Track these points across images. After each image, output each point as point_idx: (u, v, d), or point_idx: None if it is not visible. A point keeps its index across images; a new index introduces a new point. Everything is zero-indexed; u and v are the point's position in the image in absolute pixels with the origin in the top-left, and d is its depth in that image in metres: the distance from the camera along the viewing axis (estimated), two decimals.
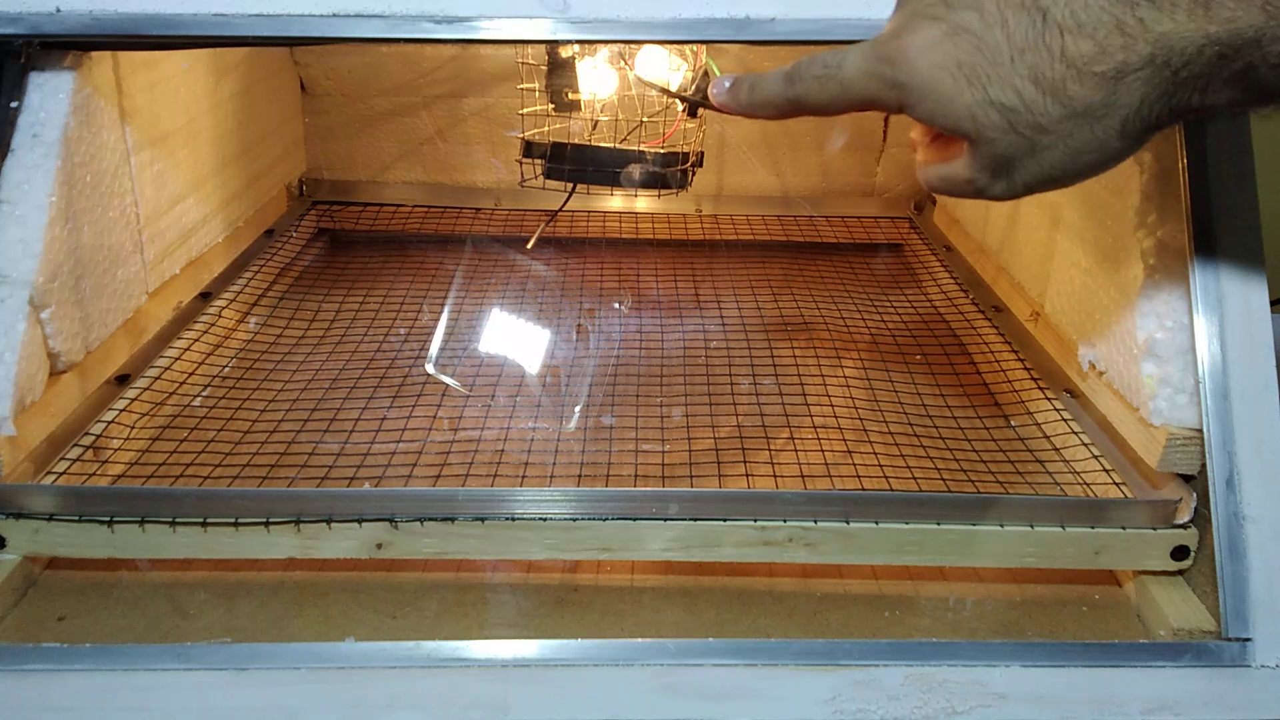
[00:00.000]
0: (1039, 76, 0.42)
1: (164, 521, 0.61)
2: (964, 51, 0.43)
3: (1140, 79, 0.41)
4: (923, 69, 0.44)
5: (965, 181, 0.47)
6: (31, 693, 0.53)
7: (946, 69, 0.44)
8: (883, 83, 0.46)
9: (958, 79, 0.44)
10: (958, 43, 0.43)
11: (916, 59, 0.44)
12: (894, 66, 0.45)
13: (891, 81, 0.45)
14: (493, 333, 0.95)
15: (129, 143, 0.77)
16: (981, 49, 0.43)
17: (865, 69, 0.46)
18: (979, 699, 0.55)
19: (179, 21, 0.63)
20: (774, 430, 0.79)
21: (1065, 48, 0.42)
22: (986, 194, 0.47)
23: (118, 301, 0.76)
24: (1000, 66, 0.43)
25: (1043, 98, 0.43)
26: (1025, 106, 0.43)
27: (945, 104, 0.44)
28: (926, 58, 0.44)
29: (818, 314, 1.00)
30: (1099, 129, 0.43)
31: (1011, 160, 0.45)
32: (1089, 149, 0.44)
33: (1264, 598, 0.58)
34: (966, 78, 0.43)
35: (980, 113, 0.44)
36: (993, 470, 0.74)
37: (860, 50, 0.47)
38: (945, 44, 0.44)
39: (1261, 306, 0.61)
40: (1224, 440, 0.60)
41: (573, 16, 0.63)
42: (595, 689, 0.55)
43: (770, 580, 0.65)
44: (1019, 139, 0.44)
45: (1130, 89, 0.42)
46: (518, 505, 0.62)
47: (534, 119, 0.83)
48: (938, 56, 0.44)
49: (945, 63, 0.44)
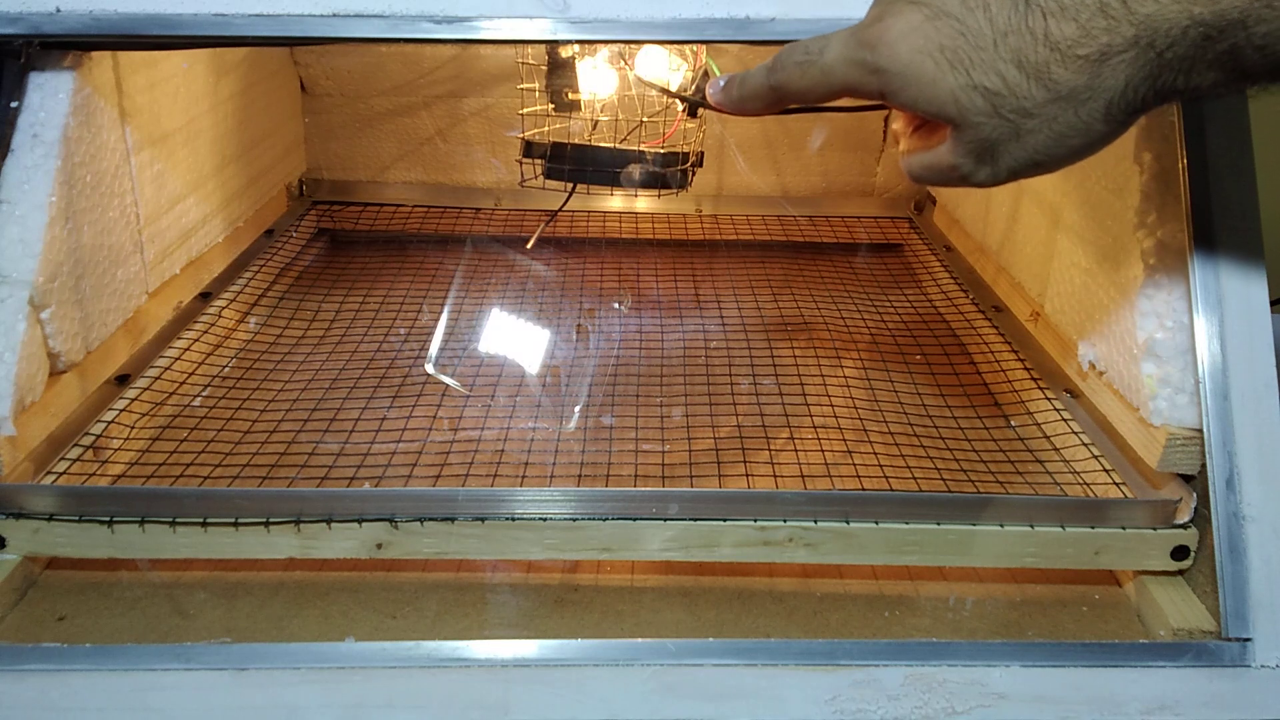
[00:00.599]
0: (1022, 60, 0.42)
1: (164, 521, 0.61)
2: (945, 36, 0.43)
3: (1125, 61, 0.41)
4: (903, 54, 0.44)
5: (949, 168, 0.47)
6: (31, 693, 0.53)
7: (928, 53, 0.43)
8: (863, 68, 0.45)
9: (940, 63, 0.43)
10: (939, 27, 0.43)
11: (897, 43, 0.44)
12: (874, 52, 0.45)
13: (872, 67, 0.45)
14: (493, 333, 0.95)
15: (129, 143, 0.77)
16: (964, 33, 0.43)
17: (845, 55, 0.46)
18: (979, 699, 0.55)
19: (179, 21, 0.63)
20: (774, 430, 0.79)
21: (1048, 30, 0.42)
22: (971, 180, 0.47)
23: (118, 301, 0.76)
24: (983, 50, 0.43)
25: (1026, 81, 0.42)
26: (1009, 90, 0.43)
27: (927, 89, 0.44)
28: (907, 42, 0.44)
29: (818, 314, 1.00)
30: (1083, 112, 0.43)
31: (996, 145, 0.44)
32: (1073, 132, 0.43)
33: (1264, 598, 0.58)
34: (949, 62, 0.43)
35: (963, 97, 0.43)
36: (993, 470, 0.74)
37: (841, 37, 0.47)
38: (926, 28, 0.43)
39: (1261, 306, 0.61)
40: (1224, 440, 0.60)
41: (573, 16, 0.63)
42: (595, 689, 0.55)
43: (770, 580, 0.65)
44: (1003, 123, 0.44)
45: (1115, 71, 0.42)
46: (518, 505, 0.62)
47: (534, 119, 0.83)
48: (919, 41, 0.44)
49: (927, 47, 0.43)
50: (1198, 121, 0.63)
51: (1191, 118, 0.63)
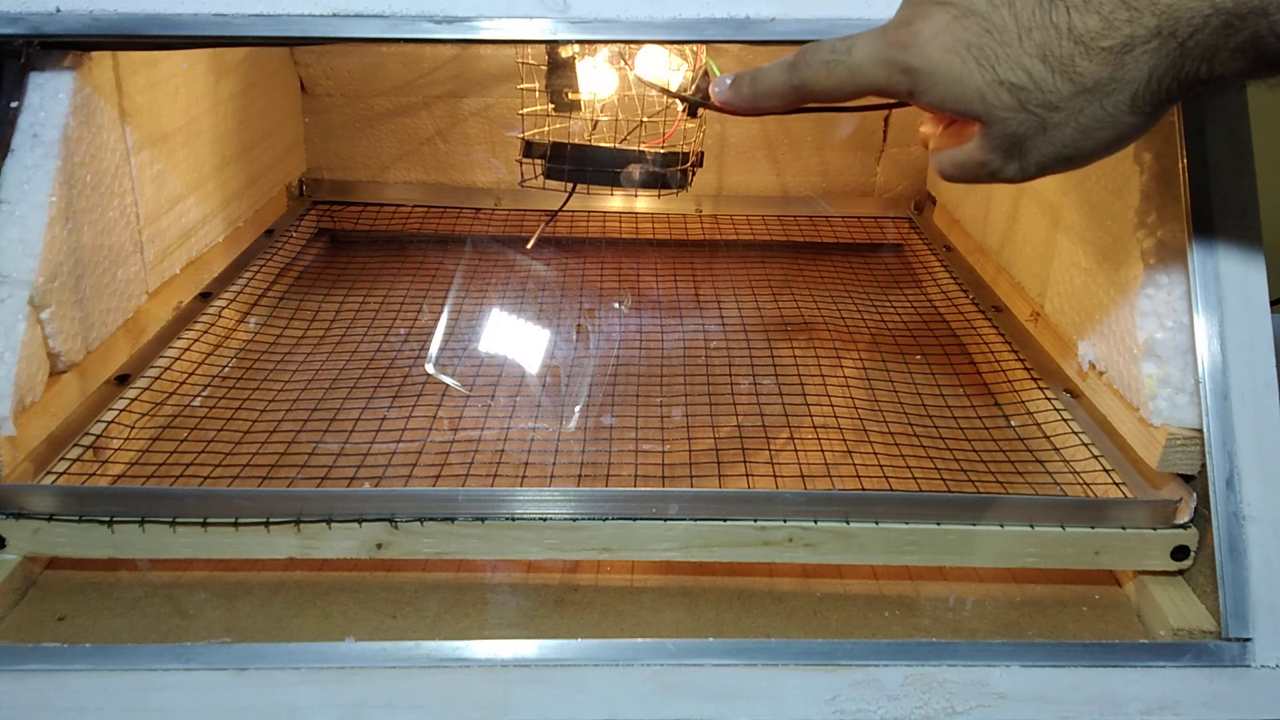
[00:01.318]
0: (1047, 54, 0.43)
1: (164, 521, 0.61)
2: (972, 34, 0.44)
3: (1148, 52, 0.42)
4: (933, 54, 0.44)
5: (978, 164, 0.47)
6: (31, 693, 0.53)
7: (956, 52, 0.44)
8: (893, 68, 0.46)
9: (967, 61, 0.44)
10: (966, 25, 0.44)
11: (927, 44, 0.45)
12: (905, 52, 0.45)
13: (903, 66, 0.45)
14: (493, 333, 0.95)
15: (129, 143, 0.77)
16: (989, 30, 0.43)
17: (875, 55, 0.46)
18: (979, 699, 0.55)
19: (179, 21, 0.63)
20: (774, 430, 0.79)
21: (1072, 24, 0.42)
22: (1000, 176, 0.47)
23: (118, 301, 0.76)
24: (1008, 46, 0.43)
25: (1052, 75, 0.43)
26: (1035, 85, 0.43)
27: (955, 86, 0.44)
28: (937, 42, 0.44)
29: (818, 314, 1.00)
30: (1109, 104, 0.43)
31: (1023, 140, 0.45)
32: (1100, 125, 0.44)
33: (1264, 598, 0.58)
34: (976, 59, 0.44)
35: (990, 93, 0.44)
36: (993, 470, 0.74)
37: (870, 37, 0.47)
38: (954, 28, 0.44)
39: (1261, 306, 0.61)
40: (1224, 440, 0.60)
41: (573, 16, 0.63)
42: (595, 689, 0.55)
43: (770, 580, 0.65)
44: (1030, 117, 0.44)
45: (1138, 62, 0.42)
46: (518, 505, 0.62)
47: (534, 119, 0.83)
48: (948, 40, 0.44)
49: (955, 46, 0.44)
50: (1198, 121, 0.63)
51: (1191, 118, 0.63)
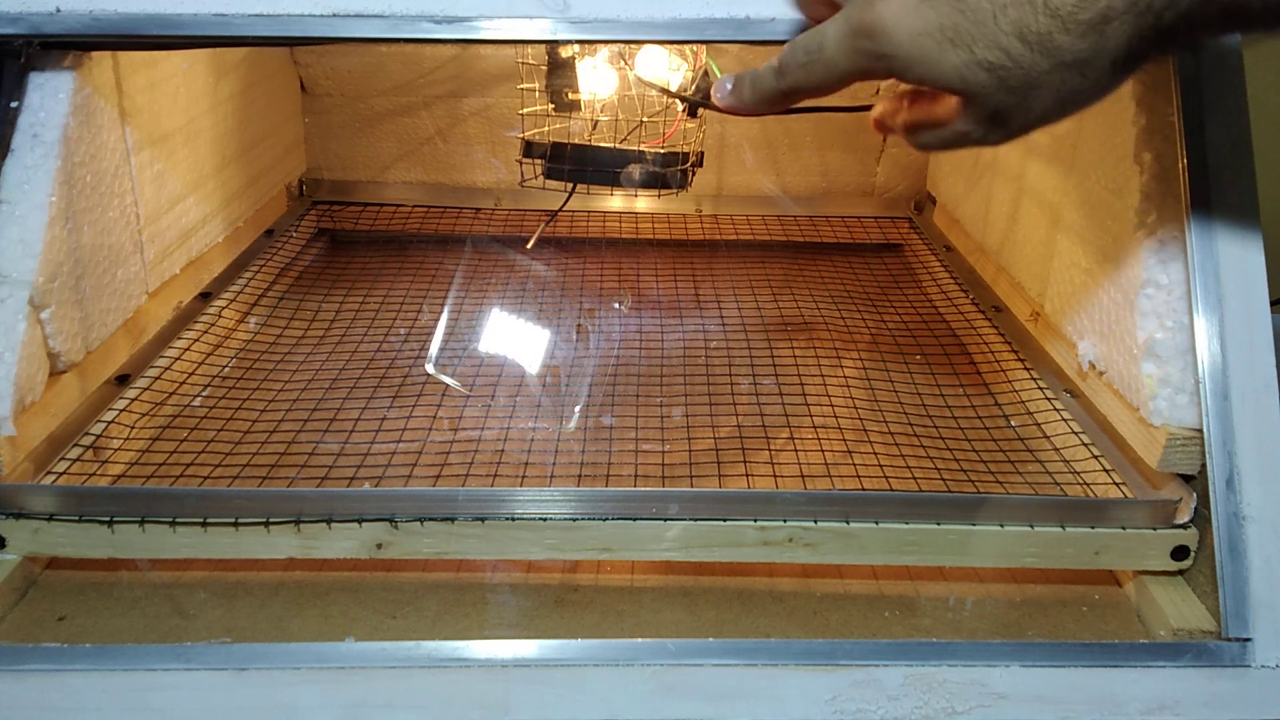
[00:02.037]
0: (1024, 31, 0.42)
1: (164, 521, 0.61)
2: (943, 14, 0.43)
3: (1125, 22, 0.41)
4: (903, 39, 0.44)
5: (960, 135, 0.47)
6: (31, 693, 0.53)
7: (929, 35, 0.43)
8: (866, 56, 0.46)
9: (941, 43, 0.43)
10: (935, 6, 0.43)
11: (894, 28, 0.44)
12: (873, 39, 0.45)
13: (874, 54, 0.45)
14: (493, 333, 0.95)
15: (129, 143, 0.77)
16: (962, 10, 0.43)
17: (845, 46, 0.46)
18: (979, 699, 0.55)
19: (179, 21, 0.63)
20: (774, 430, 0.79)
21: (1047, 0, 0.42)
22: (984, 143, 0.47)
23: (118, 301, 0.76)
24: (983, 26, 0.42)
25: (1030, 53, 0.42)
26: (1013, 63, 0.43)
27: (933, 68, 0.44)
28: (904, 26, 0.44)
29: (818, 314, 1.00)
30: (1090, 73, 0.43)
31: (1006, 111, 0.45)
32: (1082, 89, 0.44)
33: (1264, 598, 0.58)
34: (950, 40, 0.43)
35: (968, 73, 0.43)
36: (993, 470, 0.74)
37: (836, 25, 0.46)
38: (923, 9, 0.43)
39: (1261, 306, 0.61)
40: (1224, 440, 0.60)
41: (573, 16, 0.63)
42: (595, 689, 0.55)
43: (770, 580, 0.65)
44: (1010, 94, 0.44)
45: (1117, 32, 0.42)
46: (518, 505, 0.62)
47: (534, 119, 0.83)
48: (916, 23, 0.43)
49: (926, 29, 0.43)
50: (1198, 121, 0.63)
51: (1191, 118, 0.63)
